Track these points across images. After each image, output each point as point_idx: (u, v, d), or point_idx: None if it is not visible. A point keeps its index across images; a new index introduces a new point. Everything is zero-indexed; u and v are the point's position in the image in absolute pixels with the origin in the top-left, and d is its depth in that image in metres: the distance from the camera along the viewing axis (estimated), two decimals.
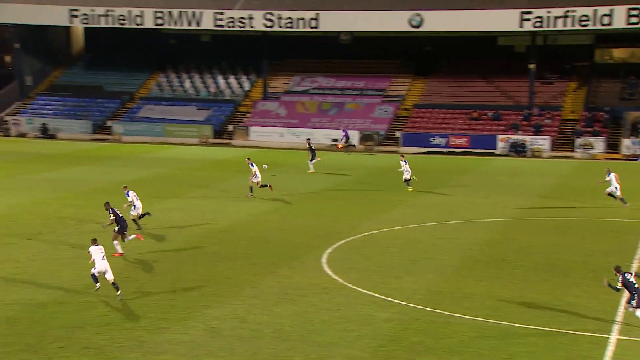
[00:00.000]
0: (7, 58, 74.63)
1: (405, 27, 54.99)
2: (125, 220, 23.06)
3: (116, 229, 22.64)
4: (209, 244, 24.54)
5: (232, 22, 57.47)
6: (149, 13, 58.48)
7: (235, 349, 15.77)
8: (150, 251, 23.50)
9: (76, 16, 59.72)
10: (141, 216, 25.97)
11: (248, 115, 59.34)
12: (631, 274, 17.13)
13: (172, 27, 58.82)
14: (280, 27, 56.96)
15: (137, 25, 58.88)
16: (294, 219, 28.66)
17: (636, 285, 16.86)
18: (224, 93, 62.57)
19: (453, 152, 52.69)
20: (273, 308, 18.27)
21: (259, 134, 56.33)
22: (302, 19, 56.40)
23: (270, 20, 56.96)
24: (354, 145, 52.34)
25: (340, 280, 20.66)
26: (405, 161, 35.03)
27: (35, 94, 63.75)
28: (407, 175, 34.51)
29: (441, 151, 52.93)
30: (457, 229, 27.40)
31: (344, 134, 51.65)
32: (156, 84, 64.01)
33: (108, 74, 65.00)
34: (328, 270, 21.66)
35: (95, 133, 58.36)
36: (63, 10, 59.74)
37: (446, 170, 43.93)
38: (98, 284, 18.79)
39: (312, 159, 40.89)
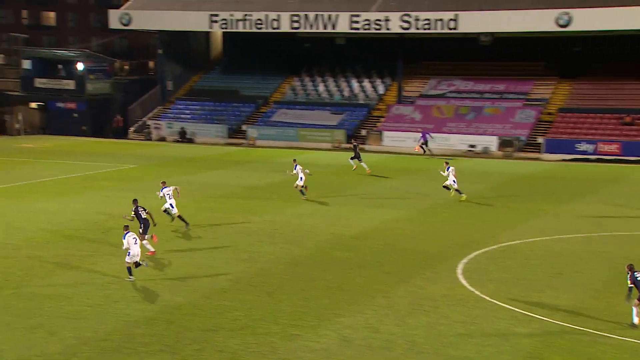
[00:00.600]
0: (151, 64, 79.00)
1: (551, 27, 53.03)
2: (148, 221, 23.67)
3: (140, 230, 23.37)
4: (340, 250, 24.70)
5: (368, 24, 57.72)
6: (285, 17, 59.86)
7: (367, 359, 15.75)
8: (281, 256, 23.95)
9: (216, 21, 62.10)
10: (178, 216, 27.13)
11: (382, 119, 59.35)
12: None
13: (308, 30, 59.89)
14: (417, 28, 56.55)
15: (274, 29, 60.44)
16: (427, 227, 28.31)
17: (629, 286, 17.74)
18: (358, 97, 62.93)
19: (602, 159, 50.23)
20: (406, 319, 18.09)
21: (392, 139, 56.16)
22: (441, 20, 55.73)
23: (407, 22, 56.71)
24: (429, 150, 51.46)
25: (477, 292, 20.16)
26: (449, 167, 33.92)
27: (175, 99, 66.82)
28: (449, 182, 33.38)
29: (588, 158, 50.58)
30: (606, 241, 26.05)
31: (421, 135, 51.66)
32: (290, 87, 65.40)
33: (244, 78, 67.15)
34: (463, 281, 21.20)
35: (231, 137, 60.35)
36: (204, 16, 62.28)
37: (593, 178, 41.93)
38: (132, 277, 20.53)
39: (355, 158, 42.43)
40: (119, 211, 30.70)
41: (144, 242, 23.34)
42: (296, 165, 34.40)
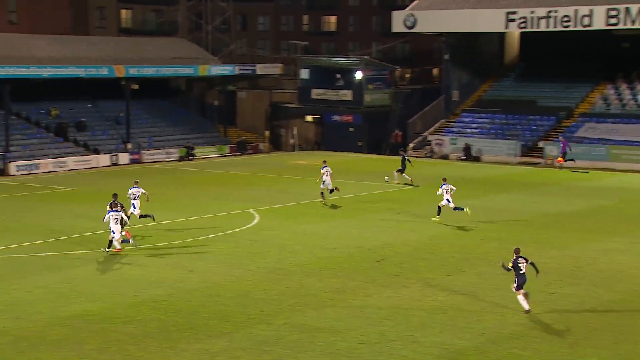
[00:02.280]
0: (435, 71, 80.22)
1: None
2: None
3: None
4: None
5: None
6: (599, 12, 57.35)
7: None
8: (586, 300, 22.88)
9: (513, 20, 61.27)
10: (141, 216, 32.05)
11: None
12: (525, 260, 21.53)
13: (628, 27, 56.82)
14: None
15: (584, 27, 58.16)
16: None
17: (521, 272, 21.43)
18: None
19: None
20: None
21: None
22: None
23: None
24: (571, 159, 52.10)
25: None
26: (445, 184, 34.99)
27: (460, 111, 67.06)
28: (444, 202, 34.51)
29: None
30: None
31: (562, 145, 52.18)
32: (601, 97, 62.50)
33: (543, 86, 65.52)
34: None
35: (524, 155, 59.13)
36: (499, 14, 61.75)
37: None
38: (108, 250, 27.80)
39: (401, 171, 45.63)
40: (395, 238, 31.53)
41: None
42: (325, 167, 38.40)
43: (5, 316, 21.06)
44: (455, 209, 34.65)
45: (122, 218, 28.41)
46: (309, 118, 69.04)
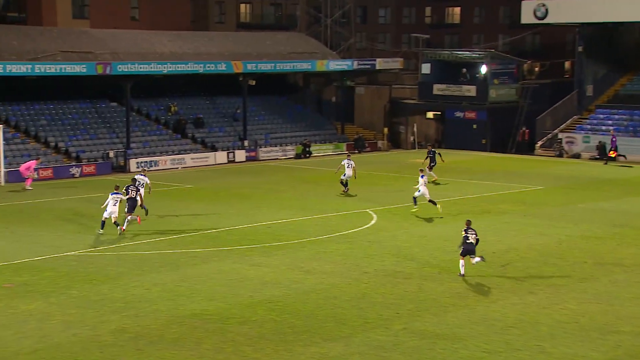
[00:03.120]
0: (567, 64, 78.23)
1: None
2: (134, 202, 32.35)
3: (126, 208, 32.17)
4: None
5: None
6: None
7: None
8: None
9: None
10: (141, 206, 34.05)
11: None
12: (475, 233, 25.59)
13: None
14: None
15: None
16: None
17: (469, 241, 25.51)
18: None
19: None
20: None
21: None
22: None
23: None
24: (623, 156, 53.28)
25: None
26: (423, 176, 36.99)
27: (594, 107, 65.21)
28: (420, 193, 36.48)
29: None
30: None
31: (613, 139, 53.47)
32: None
33: None
34: None
35: None
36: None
37: None
38: (101, 231, 31.30)
39: (431, 167, 45.61)
40: (520, 242, 30.99)
41: (128, 217, 32.06)
42: (346, 160, 41.46)
43: (125, 313, 21.92)
44: (429, 200, 36.37)
45: (130, 199, 32.51)
46: (430, 114, 68.68)
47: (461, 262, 25.64)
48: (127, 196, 32.51)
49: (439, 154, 47.47)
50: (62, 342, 19.71)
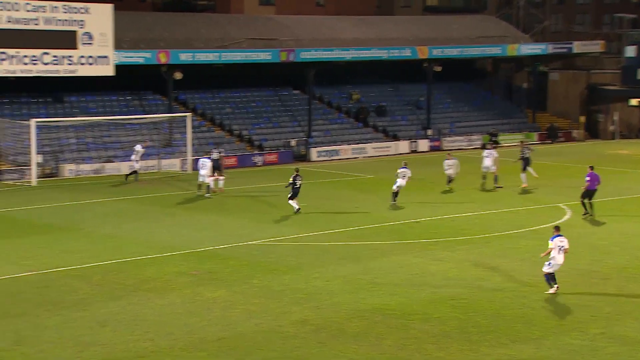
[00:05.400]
0: None
1: None
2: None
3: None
4: None
5: None
6: None
7: None
8: None
9: None
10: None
11: None
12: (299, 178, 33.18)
13: None
14: None
15: None
16: None
17: (296, 186, 33.54)
18: None
19: None
20: None
21: None
22: None
23: None
24: None
25: None
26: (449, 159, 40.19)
27: None
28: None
29: None
30: None
31: None
32: None
33: None
34: None
35: None
36: None
37: None
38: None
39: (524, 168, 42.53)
40: None
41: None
42: (402, 168, 37.86)
43: (306, 304, 22.55)
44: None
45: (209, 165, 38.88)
46: (634, 102, 66.08)
47: (290, 202, 25.71)
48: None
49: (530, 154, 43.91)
50: (246, 331, 20.53)
